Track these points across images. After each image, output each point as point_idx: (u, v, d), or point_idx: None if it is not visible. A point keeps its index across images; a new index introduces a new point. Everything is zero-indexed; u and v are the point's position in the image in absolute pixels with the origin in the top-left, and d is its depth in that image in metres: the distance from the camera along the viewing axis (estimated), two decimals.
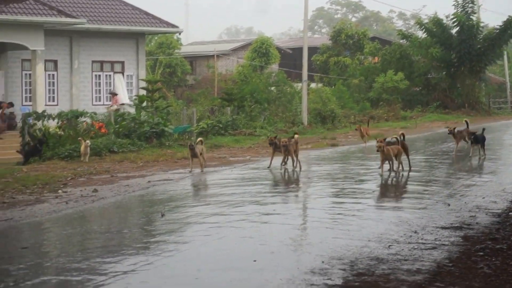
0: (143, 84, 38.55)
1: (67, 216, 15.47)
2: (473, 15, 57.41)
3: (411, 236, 12.48)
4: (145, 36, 42.52)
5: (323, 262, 10.70)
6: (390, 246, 11.74)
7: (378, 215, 14.47)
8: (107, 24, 38.70)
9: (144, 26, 40.08)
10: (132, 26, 39.51)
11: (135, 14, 40.35)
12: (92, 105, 38.40)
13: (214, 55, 64.82)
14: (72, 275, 10.35)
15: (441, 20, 57.59)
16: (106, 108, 36.54)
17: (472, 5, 57.29)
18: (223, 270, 10.52)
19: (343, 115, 44.72)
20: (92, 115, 31.07)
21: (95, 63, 39.39)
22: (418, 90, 57.58)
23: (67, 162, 25.78)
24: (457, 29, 56.93)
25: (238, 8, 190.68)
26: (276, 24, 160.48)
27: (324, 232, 12.81)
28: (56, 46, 37.39)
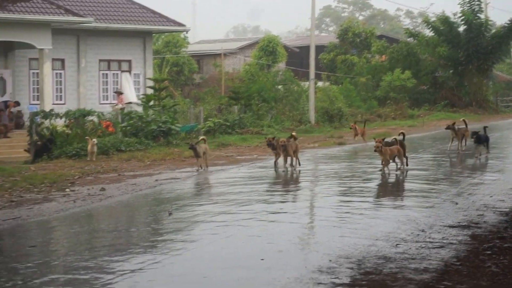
0: (150, 83, 38.57)
1: (75, 214, 15.50)
2: (480, 13, 57.28)
3: (418, 234, 12.47)
4: (152, 34, 42.55)
5: (330, 261, 10.69)
6: (398, 245, 11.72)
7: (386, 214, 14.45)
8: (114, 23, 38.73)
9: (151, 25, 40.10)
10: (139, 24, 39.53)
11: (142, 12, 40.37)
12: (99, 104, 38.44)
13: (221, 54, 64.81)
14: (80, 274, 10.37)
15: (449, 18, 57.45)
16: (111, 107, 36.56)
17: (479, 2, 57.16)
18: (230, 268, 10.53)
19: (350, 113, 44.66)
20: (99, 114, 31.11)
21: (102, 62, 39.43)
22: (426, 88, 57.44)
23: (74, 161, 25.83)
24: (465, 27, 56.78)
25: (246, 6, 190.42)
26: (283, 23, 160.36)
27: (331, 231, 12.80)
28: (63, 45, 37.44)
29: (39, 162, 26.23)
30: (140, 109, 34.49)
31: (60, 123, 30.33)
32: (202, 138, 24.03)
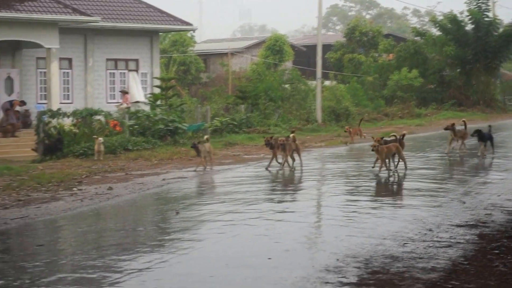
0: (157, 82, 38.59)
1: (82, 213, 15.52)
2: (487, 11, 57.14)
3: (426, 234, 12.46)
4: (159, 34, 42.55)
5: (337, 260, 10.69)
6: (405, 244, 11.71)
7: (393, 213, 14.45)
8: (121, 22, 38.73)
9: (158, 24, 40.09)
10: (146, 24, 39.53)
11: (149, 12, 40.38)
12: (107, 103, 38.44)
13: (228, 53, 64.82)
14: (88, 273, 10.38)
15: (456, 17, 57.31)
16: (116, 107, 36.56)
17: (486, 1, 57.05)
18: (237, 267, 10.53)
19: (357, 112, 44.59)
20: (107, 113, 31.13)
21: (110, 61, 39.44)
22: (433, 87, 57.33)
23: (82, 160, 25.86)
24: (472, 26, 56.64)
25: (252, 5, 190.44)
26: (290, 22, 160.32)
27: (338, 230, 12.80)
28: (70, 44, 37.45)
29: (47, 162, 26.27)
30: (147, 108, 34.51)
31: (67, 122, 30.35)
32: (206, 137, 24.02)
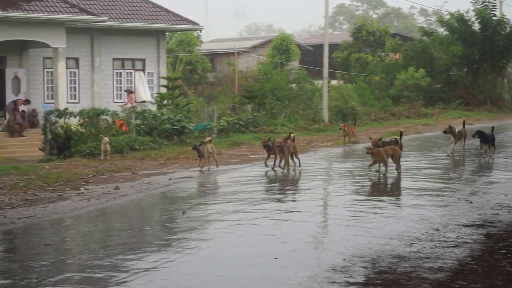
0: (164, 81, 38.62)
1: (89, 213, 15.55)
2: (494, 10, 57.00)
3: (432, 234, 12.44)
4: (165, 33, 42.58)
5: (344, 260, 10.68)
6: (412, 244, 11.70)
7: (400, 213, 14.43)
8: (128, 22, 38.77)
9: (164, 24, 40.12)
10: (153, 23, 39.56)
11: (156, 11, 40.41)
12: (113, 102, 38.49)
13: (234, 53, 64.85)
14: (95, 272, 10.39)
15: (463, 16, 57.19)
16: (120, 106, 36.60)
17: (493, 0, 56.95)
18: (244, 267, 10.53)
19: (364, 112, 44.56)
20: (113, 113, 31.17)
21: (116, 61, 39.48)
22: (440, 87, 57.23)
23: (88, 160, 25.90)
24: (480, 25, 56.51)
25: (259, 5, 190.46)
26: (296, 21, 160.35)
27: (345, 230, 12.80)
28: (77, 44, 37.51)
29: (54, 161, 26.31)
30: (154, 108, 34.53)
31: (74, 122, 30.40)
32: (208, 138, 23.99)
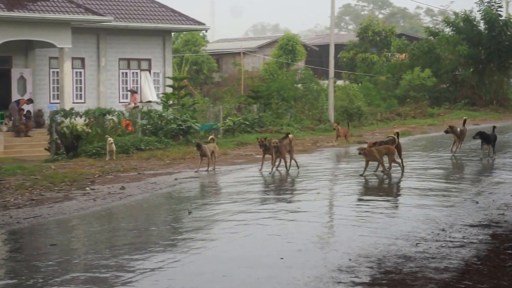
0: (170, 81, 38.64)
1: (95, 213, 15.56)
2: (500, 10, 56.94)
3: (438, 234, 12.43)
4: (171, 33, 42.59)
5: (350, 260, 10.68)
6: (418, 244, 11.69)
7: (406, 213, 14.41)
8: (134, 22, 38.81)
9: (170, 24, 40.14)
10: (158, 23, 39.59)
11: (162, 11, 40.44)
12: (119, 102, 38.53)
13: (240, 53, 64.86)
14: (100, 272, 10.41)
15: (469, 16, 57.13)
16: (123, 106, 36.64)
17: (499, 1, 56.91)
18: (250, 267, 10.53)
19: (370, 112, 44.55)
20: (119, 113, 31.20)
21: (122, 61, 39.51)
22: (446, 87, 57.20)
23: (94, 160, 25.93)
24: (486, 25, 56.45)
25: (265, 5, 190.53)
26: (302, 21, 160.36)
27: (351, 230, 12.79)
28: (83, 44, 37.56)
29: (60, 161, 26.34)
30: (159, 108, 34.56)
31: (80, 122, 30.43)
32: (211, 137, 23.94)
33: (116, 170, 22.84)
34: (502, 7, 58.04)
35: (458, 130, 25.46)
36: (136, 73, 39.75)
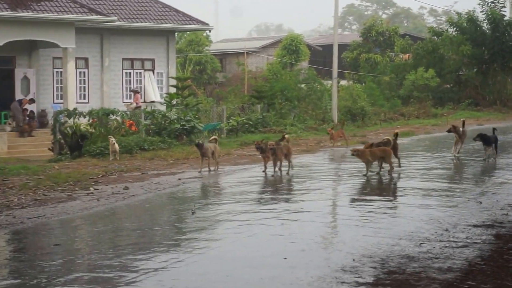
0: (173, 81, 38.67)
1: (99, 213, 15.57)
2: (503, 10, 56.90)
3: (442, 234, 12.43)
4: (175, 33, 42.62)
5: (354, 260, 10.68)
6: (421, 244, 11.69)
7: (409, 213, 14.40)
8: (137, 22, 38.85)
9: (174, 24, 40.18)
10: (162, 23, 39.62)
11: (166, 11, 40.48)
12: (123, 102, 38.57)
13: (244, 53, 64.88)
14: (104, 272, 10.41)
15: (473, 17, 57.08)
16: (125, 106, 36.68)
17: (503, 1, 56.86)
18: (253, 267, 10.53)
19: (374, 112, 44.52)
20: (123, 113, 31.22)
21: (126, 61, 39.56)
22: (449, 87, 57.15)
23: (98, 160, 25.95)
24: (491, 26, 56.40)
25: (269, 5, 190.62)
26: (306, 21, 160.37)
27: (354, 230, 12.78)
28: (87, 44, 37.60)
29: (63, 161, 26.36)
30: (163, 108, 34.58)
31: (83, 122, 30.46)
32: (213, 137, 23.90)
33: (119, 170, 22.86)
34: (505, 7, 57.98)
35: (461, 130, 25.33)
36: (140, 73, 39.79)
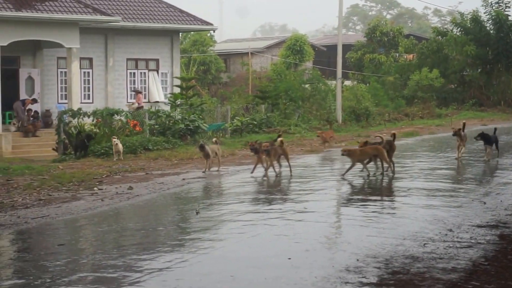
0: (178, 81, 38.68)
1: (103, 213, 15.58)
2: (507, 10, 56.89)
3: (446, 234, 12.42)
4: (179, 33, 42.64)
5: (358, 260, 10.68)
6: (425, 244, 11.69)
7: (413, 213, 14.39)
8: (142, 22, 38.85)
9: (178, 24, 40.17)
10: (166, 23, 39.62)
11: (170, 11, 40.48)
12: (127, 102, 38.60)
13: (248, 53, 64.88)
14: (108, 272, 10.42)
15: (478, 17, 57.06)
16: (127, 106, 36.69)
17: (507, 2, 56.84)
18: (258, 267, 10.54)
19: (378, 112, 44.53)
20: (127, 113, 31.24)
21: (130, 61, 39.56)
22: (453, 87, 57.14)
23: (102, 160, 25.97)
24: (495, 26, 56.36)
25: (273, 5, 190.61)
26: (310, 21, 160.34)
27: (358, 230, 12.78)
28: (91, 44, 37.61)
29: (68, 161, 26.38)
30: (167, 108, 34.60)
31: (88, 122, 30.49)
32: (214, 139, 23.89)
33: (123, 170, 22.87)
34: (510, 7, 57.96)
35: (462, 134, 24.99)
36: (144, 73, 39.80)
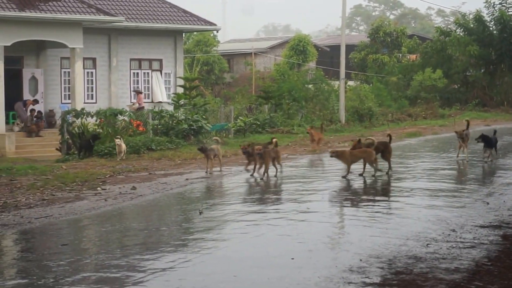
0: (181, 82, 38.71)
1: (106, 213, 15.59)
2: (510, 10, 56.84)
3: (449, 234, 12.42)
4: (183, 34, 42.66)
5: (361, 260, 10.68)
6: (428, 244, 11.69)
7: (416, 214, 14.39)
8: (145, 22, 38.90)
9: (182, 24, 40.21)
10: (170, 24, 39.66)
11: (173, 12, 40.52)
12: (131, 102, 38.64)
13: (251, 53, 64.90)
14: (111, 272, 10.43)
15: (482, 17, 57.03)
16: (128, 106, 36.72)
17: (511, 2, 56.83)
18: (261, 267, 10.54)
19: (381, 113, 44.50)
20: (130, 113, 31.26)
21: (133, 61, 39.61)
22: (457, 87, 57.11)
23: (106, 160, 25.97)
24: (499, 26, 56.34)
25: (276, 5, 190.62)
26: (313, 22, 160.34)
27: (362, 231, 12.78)
28: (94, 44, 37.66)
29: (71, 161, 26.40)
30: (170, 108, 34.62)
31: (91, 122, 30.51)
32: (215, 139, 23.86)
33: (127, 170, 22.88)
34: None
35: (464, 133, 24.77)
36: (147, 73, 39.85)
